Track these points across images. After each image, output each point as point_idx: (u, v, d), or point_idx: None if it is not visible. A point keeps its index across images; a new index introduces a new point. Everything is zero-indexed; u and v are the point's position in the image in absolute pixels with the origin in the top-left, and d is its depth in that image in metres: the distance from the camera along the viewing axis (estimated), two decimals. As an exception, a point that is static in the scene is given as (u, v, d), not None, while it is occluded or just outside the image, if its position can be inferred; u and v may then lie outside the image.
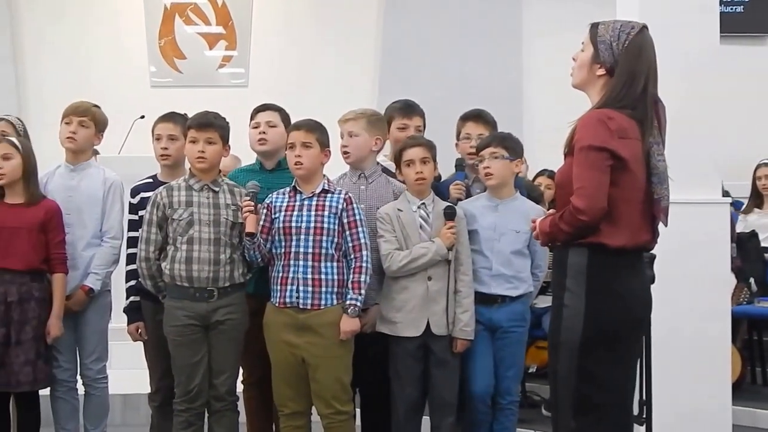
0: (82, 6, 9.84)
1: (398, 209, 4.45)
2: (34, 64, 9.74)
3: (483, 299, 4.48)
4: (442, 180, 4.93)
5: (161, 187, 4.41)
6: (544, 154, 5.47)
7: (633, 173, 3.35)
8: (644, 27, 3.46)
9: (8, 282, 4.51)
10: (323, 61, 9.83)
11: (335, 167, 4.55)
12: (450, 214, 4.39)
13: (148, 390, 4.72)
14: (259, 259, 4.34)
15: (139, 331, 4.64)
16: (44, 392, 4.71)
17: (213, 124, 4.37)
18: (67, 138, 4.80)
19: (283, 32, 9.96)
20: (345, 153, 4.61)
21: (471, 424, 4.53)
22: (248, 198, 4.28)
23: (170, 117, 4.74)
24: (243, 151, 5.05)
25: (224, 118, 4.46)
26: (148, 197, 4.50)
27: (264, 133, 4.65)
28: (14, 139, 4.68)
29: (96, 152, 5.13)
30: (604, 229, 3.33)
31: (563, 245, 3.44)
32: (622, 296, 3.37)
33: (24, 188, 4.60)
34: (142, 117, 7.18)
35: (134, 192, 4.71)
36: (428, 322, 4.37)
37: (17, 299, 4.50)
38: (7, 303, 4.49)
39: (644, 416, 4.58)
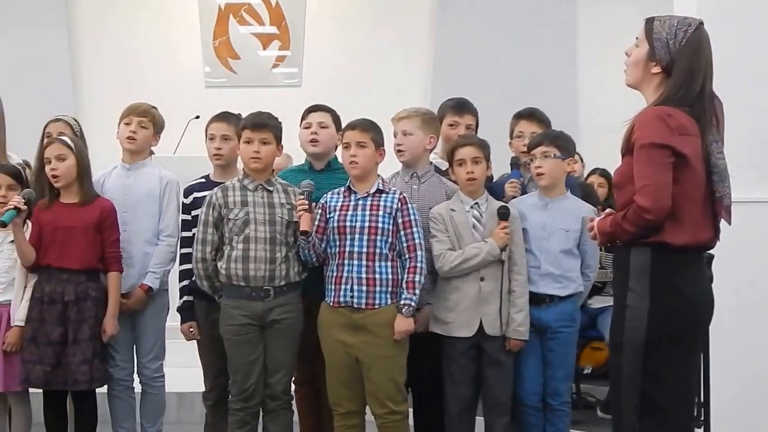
0: (138, 8, 9.93)
1: (451, 209, 4.42)
2: (90, 65, 9.85)
3: (531, 299, 4.43)
4: (495, 179, 4.90)
5: (216, 188, 4.43)
6: (600, 152, 5.41)
7: (694, 170, 3.30)
8: (701, 23, 3.41)
9: (65, 281, 4.54)
10: (376, 61, 9.82)
11: (384, 166, 4.54)
12: (504, 214, 4.36)
13: (203, 388, 4.75)
14: (314, 259, 4.34)
15: (192, 330, 4.67)
16: (101, 390, 4.75)
17: (267, 125, 4.39)
18: (127, 138, 4.84)
19: (336, 32, 9.98)
20: (399, 151, 4.60)
21: (522, 426, 4.49)
22: (302, 197, 4.30)
23: (224, 117, 4.77)
24: (295, 150, 5.05)
25: (277, 119, 4.48)
26: (201, 197, 4.54)
27: (316, 134, 4.66)
28: (67, 139, 4.70)
29: (151, 152, 5.17)
30: (667, 228, 3.29)
31: (624, 245, 3.40)
32: (687, 296, 3.33)
33: (78, 188, 4.63)
34: (197, 117, 7.24)
35: (187, 192, 4.75)
36: (481, 323, 4.35)
37: (74, 298, 4.53)
38: (64, 302, 4.52)
39: (702, 418, 4.53)
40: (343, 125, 4.56)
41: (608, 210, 3.60)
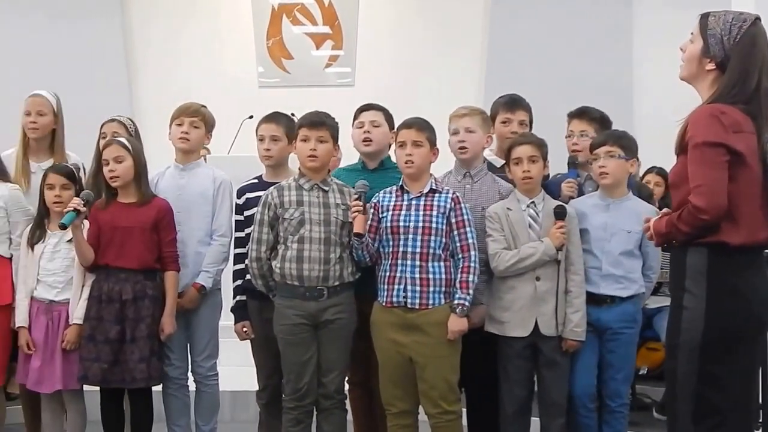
0: (192, 9, 9.99)
1: (507, 208, 4.41)
2: (145, 66, 9.92)
3: (592, 299, 4.40)
4: (551, 178, 4.86)
5: (272, 187, 4.45)
6: (655, 150, 5.35)
7: (750, 168, 3.25)
8: (757, 18, 3.35)
9: (123, 280, 4.58)
10: (429, 60, 9.79)
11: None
12: (560, 214, 4.33)
13: (257, 387, 4.78)
14: (367, 259, 4.34)
15: (245, 329, 4.70)
16: (156, 389, 4.78)
17: (325, 123, 4.40)
18: (180, 139, 4.86)
19: (389, 31, 9.95)
20: (462, 149, 4.56)
21: (575, 428, 4.46)
22: (357, 198, 4.30)
23: (273, 117, 4.79)
24: (348, 150, 5.05)
25: (334, 118, 4.48)
26: (254, 198, 4.58)
27: (368, 132, 4.64)
28: (124, 140, 4.74)
29: (207, 150, 5.20)
30: (724, 227, 3.24)
31: (680, 245, 3.36)
32: (745, 296, 3.27)
33: (136, 188, 4.67)
34: (251, 117, 7.25)
35: (240, 193, 4.77)
36: (537, 322, 4.32)
37: (132, 297, 4.57)
38: (122, 301, 4.56)
39: (761, 421, 4.46)
40: (396, 124, 4.56)
41: (665, 210, 3.56)
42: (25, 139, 5.13)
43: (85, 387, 4.74)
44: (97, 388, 4.71)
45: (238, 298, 4.73)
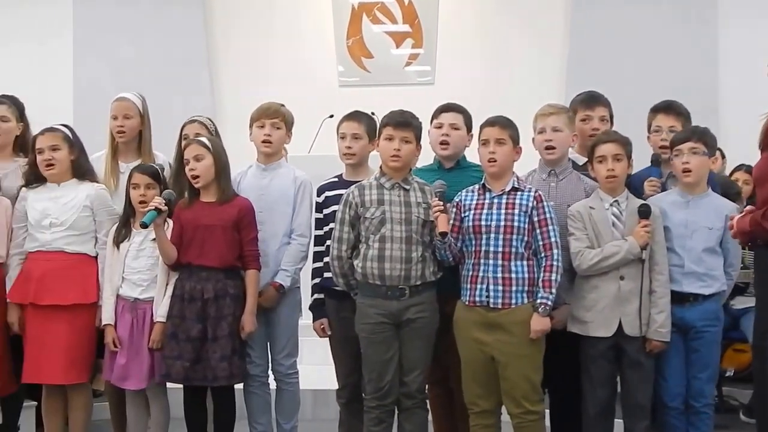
0: (271, 9, 10.05)
1: (590, 207, 4.36)
2: (226, 66, 10.01)
3: (675, 298, 4.33)
4: (633, 174, 4.78)
5: (353, 186, 4.46)
6: (743, 148, 5.23)
7: None
8: None
9: (204, 279, 4.62)
10: (510, 57, 9.71)
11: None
12: (644, 212, 4.28)
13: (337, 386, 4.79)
14: (450, 258, 4.33)
15: (323, 327, 4.71)
16: (237, 387, 4.81)
17: (410, 124, 4.41)
18: (263, 141, 4.89)
19: (469, 29, 9.90)
20: (549, 148, 4.52)
21: (664, 429, 4.39)
22: (437, 197, 4.28)
23: (354, 116, 4.79)
24: (424, 149, 5.02)
25: (418, 118, 4.49)
26: (333, 196, 4.60)
27: (447, 135, 4.61)
28: (205, 139, 4.78)
29: (286, 151, 5.23)
30: None
31: (765, 244, 3.29)
32: None
33: (217, 187, 4.70)
34: (331, 116, 7.28)
35: (320, 191, 4.79)
36: (620, 323, 4.26)
37: (213, 296, 4.60)
38: (204, 299, 4.60)
39: None
40: (476, 123, 4.53)
41: (748, 207, 3.49)
42: (113, 142, 5.20)
43: (169, 384, 4.79)
44: (181, 386, 4.76)
45: (315, 296, 4.75)
